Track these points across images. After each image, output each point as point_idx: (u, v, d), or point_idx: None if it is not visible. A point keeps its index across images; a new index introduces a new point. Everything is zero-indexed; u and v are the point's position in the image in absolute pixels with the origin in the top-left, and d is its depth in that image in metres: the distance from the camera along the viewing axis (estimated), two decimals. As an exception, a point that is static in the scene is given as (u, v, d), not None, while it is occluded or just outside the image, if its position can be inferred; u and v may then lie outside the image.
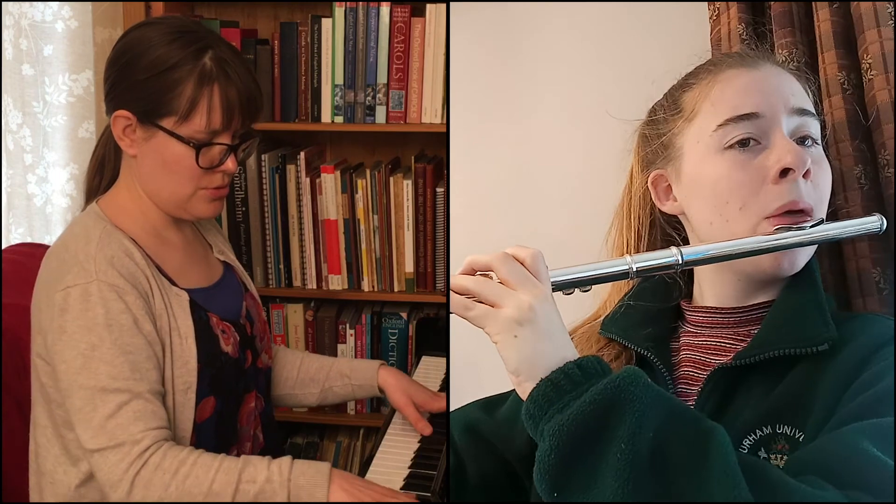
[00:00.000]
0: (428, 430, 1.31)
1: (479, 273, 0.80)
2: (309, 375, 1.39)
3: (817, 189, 0.90)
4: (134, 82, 1.08)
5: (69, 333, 1.03)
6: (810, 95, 0.96)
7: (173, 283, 1.13)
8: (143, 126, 1.09)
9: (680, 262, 0.85)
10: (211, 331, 1.15)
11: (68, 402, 1.03)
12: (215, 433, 1.15)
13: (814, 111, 0.93)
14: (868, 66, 1.04)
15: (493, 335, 0.76)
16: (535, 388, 0.73)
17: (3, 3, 1.87)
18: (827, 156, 0.94)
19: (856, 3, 1.06)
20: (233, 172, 1.13)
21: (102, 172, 1.20)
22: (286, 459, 1.05)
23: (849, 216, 1.03)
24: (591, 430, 0.69)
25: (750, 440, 0.82)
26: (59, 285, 1.04)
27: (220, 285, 1.24)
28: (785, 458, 0.80)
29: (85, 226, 1.11)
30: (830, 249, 1.06)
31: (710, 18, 1.29)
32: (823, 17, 1.10)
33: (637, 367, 0.73)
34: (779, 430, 0.82)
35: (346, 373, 1.37)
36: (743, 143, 0.89)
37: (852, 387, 0.79)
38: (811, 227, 0.87)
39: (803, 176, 0.88)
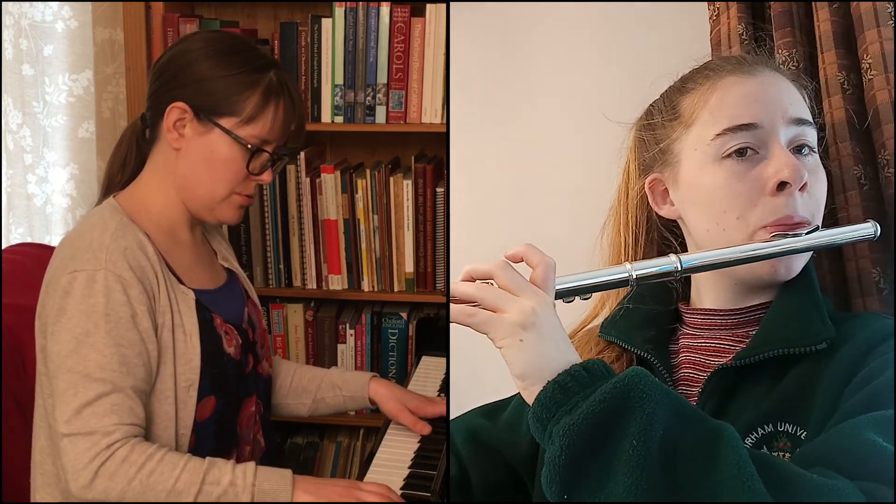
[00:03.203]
0: (427, 429, 1.31)
1: (478, 281, 0.80)
2: (301, 385, 1.39)
3: (813, 198, 0.90)
4: (199, 78, 1.12)
5: (68, 316, 1.04)
6: (807, 101, 0.96)
7: (181, 282, 1.14)
8: (199, 121, 1.12)
9: (679, 269, 0.86)
10: (215, 331, 1.16)
11: (54, 383, 1.04)
12: (215, 434, 1.15)
13: (811, 119, 0.93)
14: (868, 66, 1.04)
15: (498, 340, 0.76)
16: (542, 390, 0.73)
17: (3, 3, 1.87)
18: (825, 159, 0.94)
19: (856, 3, 1.06)
20: (267, 183, 1.19)
21: (124, 170, 1.21)
22: (250, 465, 1.05)
23: (848, 216, 1.04)
24: (601, 428, 0.69)
25: (752, 439, 0.82)
26: (68, 269, 1.06)
27: (224, 290, 1.25)
28: (787, 455, 0.80)
29: (102, 217, 1.12)
30: (830, 250, 1.06)
31: (710, 18, 1.29)
32: (823, 17, 1.10)
33: (642, 368, 0.73)
34: (780, 427, 0.82)
35: (338, 384, 1.38)
36: (741, 153, 0.89)
37: (853, 382, 0.79)
38: (807, 233, 0.88)
39: (800, 189, 0.88)
